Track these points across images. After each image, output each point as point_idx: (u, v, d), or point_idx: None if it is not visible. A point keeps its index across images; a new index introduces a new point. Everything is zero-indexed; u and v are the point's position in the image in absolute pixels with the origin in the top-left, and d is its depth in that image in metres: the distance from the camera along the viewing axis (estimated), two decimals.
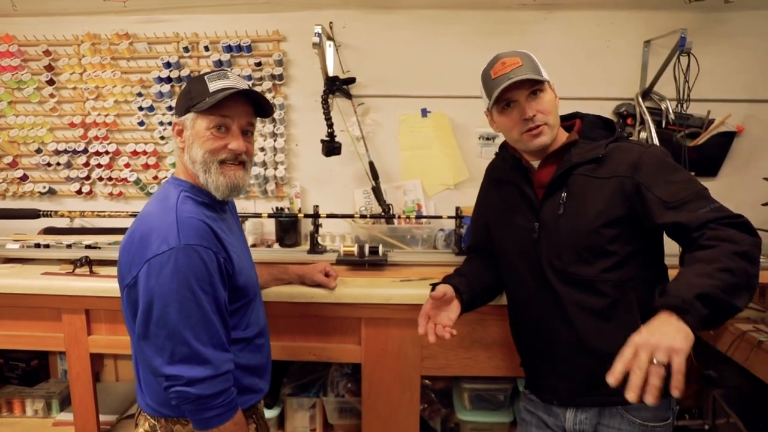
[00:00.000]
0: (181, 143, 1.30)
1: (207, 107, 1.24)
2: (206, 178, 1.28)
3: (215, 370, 1.18)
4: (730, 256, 1.10)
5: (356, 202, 2.56)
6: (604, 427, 1.37)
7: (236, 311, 1.32)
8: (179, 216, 1.20)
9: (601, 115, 1.47)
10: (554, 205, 1.37)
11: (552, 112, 1.36)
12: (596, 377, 1.30)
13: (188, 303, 1.16)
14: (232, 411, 1.22)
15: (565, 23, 2.44)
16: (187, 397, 1.16)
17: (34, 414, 2.33)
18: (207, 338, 1.18)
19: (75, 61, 2.55)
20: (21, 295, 1.92)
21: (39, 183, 2.65)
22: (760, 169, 2.39)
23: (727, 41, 2.38)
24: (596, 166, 1.34)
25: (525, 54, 1.37)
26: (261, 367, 1.42)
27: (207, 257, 1.19)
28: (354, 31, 2.48)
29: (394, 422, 1.90)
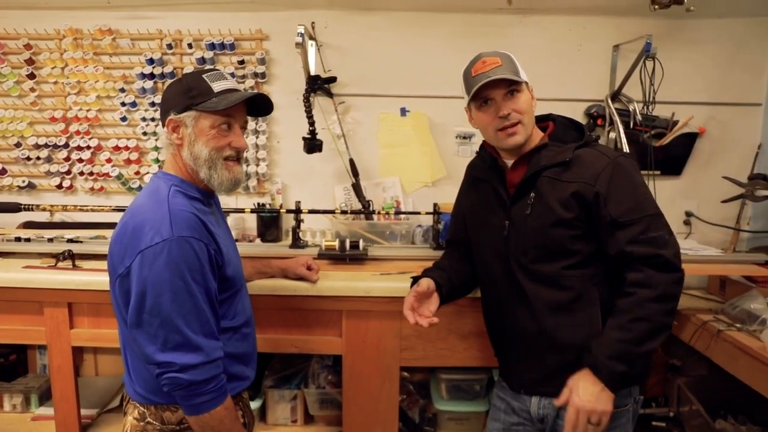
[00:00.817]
0: (177, 140, 1.33)
1: (219, 108, 1.29)
2: (210, 174, 1.33)
3: (206, 357, 1.22)
4: (643, 305, 1.30)
5: (336, 198, 2.61)
6: (566, 411, 1.43)
7: (224, 301, 1.36)
8: (171, 208, 1.24)
9: (572, 118, 1.55)
10: (523, 205, 1.45)
11: (527, 112, 1.41)
12: (558, 368, 1.42)
13: (181, 292, 1.19)
14: (222, 396, 1.26)
15: (539, 27, 2.53)
16: (179, 383, 1.20)
17: (12, 409, 2.31)
18: (198, 326, 1.22)
19: (57, 55, 2.55)
20: (1, 288, 1.92)
21: (18, 177, 2.64)
22: (720, 168, 2.52)
23: (689, 47, 2.50)
24: (562, 170, 1.41)
25: (506, 55, 1.42)
26: (247, 355, 1.46)
27: (198, 248, 1.23)
28: (336, 32, 2.53)
29: (374, 412, 1.96)
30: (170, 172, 1.37)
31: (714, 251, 2.24)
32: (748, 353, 1.67)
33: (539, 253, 1.43)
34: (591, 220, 1.38)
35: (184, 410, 1.26)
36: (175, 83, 1.36)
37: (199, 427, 1.26)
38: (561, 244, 1.40)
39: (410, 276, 1.65)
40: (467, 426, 2.19)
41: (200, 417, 1.24)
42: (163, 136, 1.37)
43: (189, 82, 1.33)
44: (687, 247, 2.27)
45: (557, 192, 1.40)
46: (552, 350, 1.45)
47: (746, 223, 2.56)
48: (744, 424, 1.88)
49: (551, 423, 1.48)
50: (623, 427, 1.45)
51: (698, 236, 2.57)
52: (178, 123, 1.32)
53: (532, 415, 1.51)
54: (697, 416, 2.16)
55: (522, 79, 1.40)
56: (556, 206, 1.39)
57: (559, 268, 1.41)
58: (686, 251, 2.21)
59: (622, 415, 1.44)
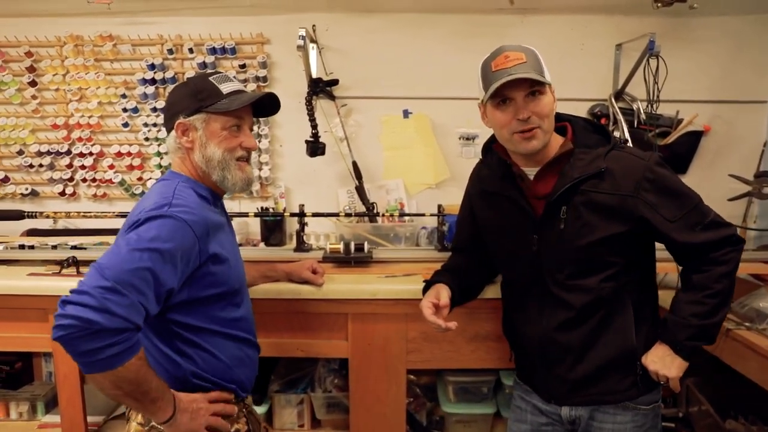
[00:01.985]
0: (187, 143, 1.33)
1: (232, 109, 1.29)
2: (224, 175, 1.34)
3: (127, 314, 1.08)
4: (718, 279, 1.32)
5: (340, 201, 2.60)
6: (600, 413, 1.43)
7: (226, 305, 1.35)
8: (177, 194, 1.25)
9: (588, 118, 1.48)
10: (555, 220, 1.36)
11: (548, 117, 1.30)
12: (590, 380, 1.41)
13: (149, 257, 1.12)
14: (135, 348, 1.12)
15: (540, 27, 2.52)
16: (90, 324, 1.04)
17: (18, 417, 2.30)
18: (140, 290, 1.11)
19: (58, 62, 2.55)
20: (7, 296, 1.91)
21: (21, 185, 2.64)
22: (725, 166, 2.50)
23: (693, 45, 2.49)
24: (599, 181, 1.32)
25: (531, 51, 1.30)
26: (246, 360, 1.44)
27: (185, 239, 1.20)
28: (337, 34, 2.53)
29: (381, 415, 1.94)
30: (179, 172, 1.38)
31: None
32: (758, 352, 1.65)
33: (578, 268, 1.37)
34: (638, 231, 1.34)
35: (86, 367, 1.08)
36: (181, 86, 1.36)
37: (109, 382, 1.11)
38: (600, 257, 1.35)
39: (422, 280, 1.64)
40: (475, 428, 2.17)
41: (110, 373, 1.09)
42: (170, 140, 1.36)
43: (196, 85, 1.33)
44: None
45: (597, 207, 1.32)
46: (585, 362, 1.41)
47: (753, 221, 2.55)
48: (755, 424, 1.87)
49: (584, 424, 1.46)
50: (655, 425, 1.46)
51: None
52: (188, 126, 1.32)
53: (562, 417, 1.48)
54: (706, 416, 2.14)
55: (547, 80, 1.27)
56: (598, 222, 1.32)
57: (598, 281, 1.36)
58: None
59: (653, 411, 1.44)
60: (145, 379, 1.14)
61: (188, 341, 1.30)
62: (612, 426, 1.41)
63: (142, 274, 1.10)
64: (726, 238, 1.33)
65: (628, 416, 1.41)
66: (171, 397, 1.21)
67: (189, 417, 1.24)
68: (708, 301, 1.32)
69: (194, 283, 1.26)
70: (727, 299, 1.34)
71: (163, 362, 1.30)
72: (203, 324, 1.31)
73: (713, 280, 1.32)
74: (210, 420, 1.29)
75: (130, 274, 1.09)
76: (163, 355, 1.30)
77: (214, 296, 1.31)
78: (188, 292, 1.26)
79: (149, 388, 1.15)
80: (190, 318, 1.29)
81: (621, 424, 1.41)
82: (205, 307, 1.31)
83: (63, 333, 1.03)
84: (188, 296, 1.26)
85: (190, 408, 1.25)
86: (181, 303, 1.26)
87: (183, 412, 1.23)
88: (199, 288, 1.27)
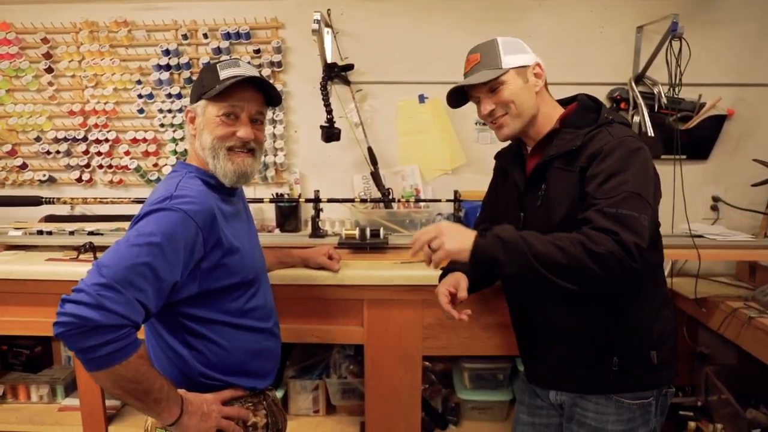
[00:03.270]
0: (192, 130, 1.34)
1: (216, 94, 1.27)
2: (215, 164, 1.31)
3: (126, 311, 1.07)
4: (576, 244, 1.17)
5: (355, 187, 2.59)
6: (583, 400, 1.42)
7: (240, 295, 1.34)
8: (181, 185, 1.25)
9: (596, 98, 1.47)
10: (535, 196, 1.41)
11: (515, 101, 1.36)
12: (569, 363, 1.41)
13: (150, 252, 1.11)
14: (135, 345, 1.11)
15: (558, 10, 2.47)
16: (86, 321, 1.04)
17: (39, 400, 2.35)
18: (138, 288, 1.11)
19: (73, 48, 2.55)
20: (25, 281, 1.93)
21: (39, 171, 2.65)
22: (749, 152, 2.45)
23: (717, 26, 2.42)
24: (571, 159, 1.34)
25: (486, 46, 1.40)
26: (266, 352, 1.43)
27: (187, 231, 1.18)
28: (352, 18, 2.50)
29: (396, 402, 1.95)
30: (189, 162, 1.37)
31: (744, 236, 2.18)
32: None
33: None
34: None
35: (86, 365, 1.08)
36: (199, 74, 1.37)
37: (109, 381, 1.10)
38: None
39: (440, 267, 1.62)
40: (490, 415, 2.17)
41: (110, 371, 1.08)
42: (186, 128, 1.38)
43: (204, 72, 1.34)
44: (716, 232, 2.22)
45: (564, 184, 1.34)
46: (562, 344, 1.42)
47: None
48: None
49: (568, 410, 1.46)
50: (645, 422, 1.40)
51: (726, 222, 2.50)
52: (193, 113, 1.33)
53: (551, 401, 1.51)
54: (726, 405, 2.11)
55: (501, 72, 1.35)
56: (563, 200, 1.34)
57: None
58: (715, 236, 2.16)
59: (643, 408, 1.39)
60: (147, 378, 1.12)
61: (198, 334, 1.28)
62: (594, 415, 1.40)
63: (139, 270, 1.09)
64: (615, 235, 1.16)
65: (612, 408, 1.38)
66: (177, 398, 1.19)
67: (198, 419, 1.22)
68: (546, 246, 1.18)
69: (204, 276, 1.25)
70: (567, 269, 1.17)
71: (172, 359, 1.29)
72: (213, 316, 1.29)
73: (572, 241, 1.18)
74: (222, 423, 1.27)
75: (127, 271, 1.08)
76: (171, 350, 1.29)
77: (227, 287, 1.30)
78: (199, 285, 1.25)
79: (151, 388, 1.13)
80: (199, 310, 1.27)
81: (603, 415, 1.38)
82: (217, 299, 1.29)
83: (62, 330, 1.04)
84: (199, 289, 1.25)
85: (200, 410, 1.23)
86: (191, 296, 1.25)
87: (192, 414, 1.21)
88: (210, 280, 1.26)
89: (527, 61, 1.39)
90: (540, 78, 1.41)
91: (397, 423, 1.96)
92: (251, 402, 1.38)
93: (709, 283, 2.33)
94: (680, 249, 2.07)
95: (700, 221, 2.47)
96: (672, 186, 2.22)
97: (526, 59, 1.39)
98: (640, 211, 1.19)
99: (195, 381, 1.29)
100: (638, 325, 1.37)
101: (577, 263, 1.16)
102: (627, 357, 1.36)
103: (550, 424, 1.53)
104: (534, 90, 1.39)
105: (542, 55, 1.41)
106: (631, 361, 1.36)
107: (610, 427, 1.38)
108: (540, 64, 1.41)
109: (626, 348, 1.36)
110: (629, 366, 1.36)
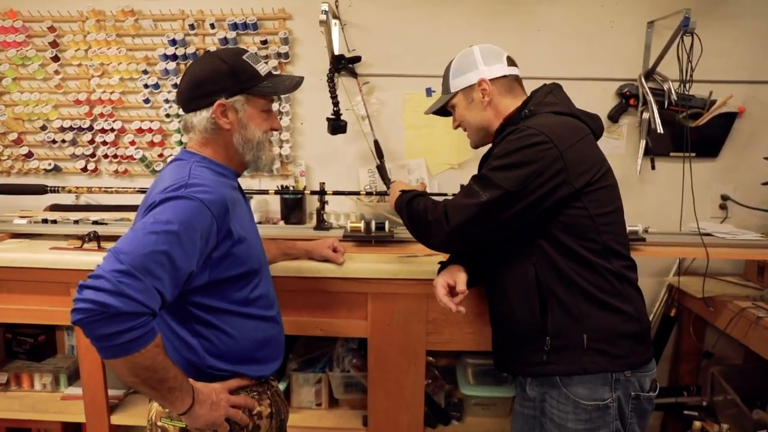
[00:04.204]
0: (227, 124, 1.31)
1: (279, 93, 1.39)
2: (258, 155, 1.37)
3: (145, 298, 1.07)
4: (424, 211, 1.45)
5: (361, 180, 2.57)
6: (549, 397, 1.42)
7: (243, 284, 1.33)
8: (192, 173, 1.24)
9: (554, 85, 1.51)
10: None
11: (464, 120, 1.57)
12: (506, 346, 1.50)
13: (167, 240, 1.11)
14: (152, 334, 1.11)
15: (568, 4, 2.43)
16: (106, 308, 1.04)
17: (42, 388, 2.35)
18: (156, 275, 1.10)
19: (80, 37, 2.54)
20: (30, 269, 1.93)
21: (44, 160, 2.65)
22: (760, 150, 2.42)
23: (729, 23, 2.39)
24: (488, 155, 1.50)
25: (445, 71, 1.59)
26: (271, 340, 1.43)
27: (203, 218, 1.18)
28: (359, 10, 2.48)
29: (399, 396, 1.93)
30: (195, 150, 1.35)
31: (753, 235, 2.16)
32: None
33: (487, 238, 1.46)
34: None
35: (103, 352, 1.08)
36: (213, 62, 1.30)
37: (126, 369, 1.09)
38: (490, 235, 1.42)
39: (438, 261, 1.63)
40: (494, 411, 2.16)
41: (127, 359, 1.08)
42: (199, 119, 1.30)
43: (234, 65, 1.30)
44: (725, 231, 2.20)
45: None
46: (499, 328, 1.53)
47: None
48: None
49: (539, 404, 1.47)
50: (606, 423, 1.36)
51: (735, 221, 2.48)
52: (227, 107, 1.30)
53: (527, 393, 1.51)
54: (732, 406, 2.10)
55: (449, 97, 1.57)
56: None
57: (501, 250, 1.44)
58: (724, 235, 2.14)
59: (599, 410, 1.35)
60: (162, 366, 1.12)
61: (206, 323, 1.29)
62: (558, 413, 1.40)
63: (157, 258, 1.09)
64: (444, 210, 1.38)
65: (570, 407, 1.37)
66: (189, 387, 1.20)
67: (208, 408, 1.23)
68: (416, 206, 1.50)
69: (215, 265, 1.25)
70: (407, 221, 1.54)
71: (180, 348, 1.29)
72: (221, 305, 1.29)
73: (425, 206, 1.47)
74: (230, 411, 1.28)
75: (145, 258, 1.07)
76: (180, 340, 1.29)
77: (235, 277, 1.30)
78: (209, 274, 1.25)
79: (166, 377, 1.13)
80: (208, 299, 1.28)
81: (564, 413, 1.38)
82: (225, 288, 1.29)
83: (81, 317, 1.03)
84: (209, 278, 1.25)
85: (209, 399, 1.24)
86: (201, 286, 1.25)
87: (202, 404, 1.21)
88: (220, 270, 1.26)
89: (471, 80, 1.50)
90: (486, 93, 1.49)
91: (400, 417, 1.95)
92: (256, 391, 1.38)
93: (717, 282, 2.32)
94: (688, 247, 2.05)
95: (709, 220, 2.45)
96: (681, 183, 2.20)
97: (470, 78, 1.51)
98: (485, 188, 1.33)
99: (203, 371, 1.29)
100: (573, 308, 1.35)
101: (416, 223, 1.49)
102: (557, 338, 1.36)
103: (535, 415, 1.52)
104: (481, 106, 1.51)
105: (551, 50, 1.42)
106: (561, 342, 1.36)
107: (570, 425, 1.37)
108: (485, 80, 1.49)
109: (557, 329, 1.36)
110: (561, 347, 1.36)
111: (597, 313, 1.35)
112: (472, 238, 1.40)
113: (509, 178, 1.30)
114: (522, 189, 1.29)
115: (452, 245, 1.47)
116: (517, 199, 1.30)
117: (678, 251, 2.15)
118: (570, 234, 1.35)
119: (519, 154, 1.31)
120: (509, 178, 1.30)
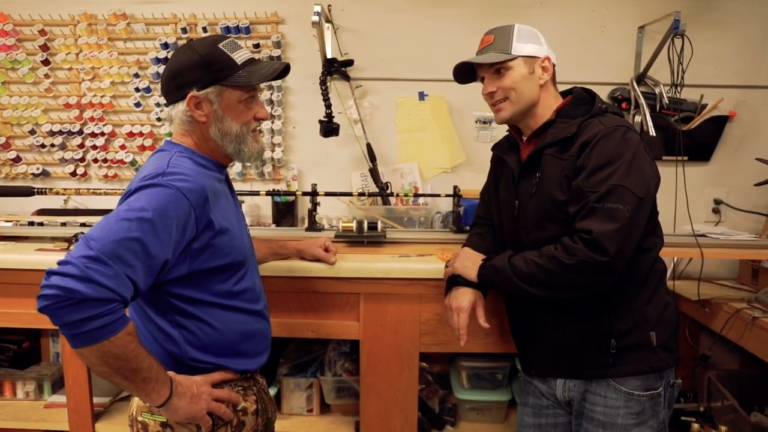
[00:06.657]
0: (201, 116, 1.27)
1: (254, 83, 1.25)
2: (239, 148, 1.30)
3: (114, 285, 1.04)
4: (552, 260, 1.27)
5: (353, 184, 2.56)
6: (591, 394, 1.39)
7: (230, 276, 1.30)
8: (171, 163, 1.21)
9: (590, 90, 1.48)
10: (529, 184, 1.42)
11: (516, 88, 1.39)
12: (564, 348, 1.41)
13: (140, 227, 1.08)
14: (122, 321, 1.07)
15: (560, 8, 2.46)
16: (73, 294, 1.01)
17: (25, 396, 2.28)
18: (127, 262, 1.07)
19: (71, 41, 2.54)
20: (15, 270, 1.88)
21: (32, 165, 2.63)
22: (751, 153, 2.43)
23: (719, 27, 2.42)
24: (563, 147, 1.35)
25: (503, 30, 1.42)
26: (258, 334, 1.39)
27: (180, 207, 1.15)
28: (352, 14, 2.49)
29: (392, 401, 1.89)
30: (177, 142, 1.31)
31: (747, 236, 2.15)
32: None
33: (540, 235, 1.38)
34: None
35: (72, 340, 1.04)
36: (186, 52, 1.26)
37: (96, 358, 1.05)
38: (560, 227, 1.34)
39: (445, 264, 1.62)
40: (488, 416, 2.12)
41: (96, 347, 1.04)
42: (176, 111, 1.28)
43: (207, 55, 1.24)
44: (718, 232, 2.19)
45: (556, 172, 1.35)
46: (559, 330, 1.41)
47: None
48: None
49: (577, 406, 1.43)
50: (655, 414, 1.38)
51: (728, 224, 2.49)
52: (201, 99, 1.25)
53: (558, 398, 1.46)
54: (730, 411, 2.07)
55: (508, 57, 1.37)
56: (554, 188, 1.35)
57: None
58: (717, 236, 2.13)
59: (652, 399, 1.36)
60: (135, 356, 1.08)
61: (188, 314, 1.25)
62: (603, 409, 1.37)
63: (129, 245, 1.05)
64: (587, 233, 1.23)
65: (621, 401, 1.35)
66: (167, 378, 1.15)
67: (188, 401, 1.18)
68: (527, 265, 1.32)
69: (195, 256, 1.21)
70: (543, 282, 1.30)
71: (160, 340, 1.25)
72: (204, 296, 1.25)
73: (549, 257, 1.28)
74: (212, 405, 1.23)
75: (117, 245, 1.04)
76: (161, 331, 1.25)
77: (216, 268, 1.26)
78: (189, 265, 1.21)
79: (140, 366, 1.09)
80: (189, 290, 1.24)
81: (612, 408, 1.36)
82: (207, 280, 1.26)
83: (46, 303, 0.99)
84: (189, 270, 1.21)
85: (189, 392, 1.19)
86: (181, 277, 1.21)
87: (181, 396, 1.17)
88: (201, 261, 1.22)
89: (538, 52, 1.41)
90: (547, 72, 1.42)
91: (393, 423, 1.90)
92: (241, 386, 1.34)
93: (712, 285, 2.30)
94: (683, 248, 2.04)
95: (702, 224, 2.44)
96: (674, 188, 2.19)
97: (536, 50, 1.41)
98: (625, 203, 1.23)
99: (185, 364, 1.25)
100: (633, 306, 1.35)
101: (555, 278, 1.28)
102: (624, 339, 1.34)
103: (558, 423, 1.49)
104: (538, 82, 1.41)
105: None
106: (629, 342, 1.34)
107: (620, 421, 1.34)
108: (550, 59, 1.43)
109: (622, 330, 1.34)
110: (628, 348, 1.34)
111: (657, 309, 1.36)
112: (628, 256, 1.26)
113: (638, 183, 1.25)
114: (647, 192, 1.28)
115: (616, 274, 1.26)
116: (648, 202, 1.30)
117: (673, 251, 2.14)
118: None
119: (635, 159, 1.27)
120: (638, 183, 1.25)
